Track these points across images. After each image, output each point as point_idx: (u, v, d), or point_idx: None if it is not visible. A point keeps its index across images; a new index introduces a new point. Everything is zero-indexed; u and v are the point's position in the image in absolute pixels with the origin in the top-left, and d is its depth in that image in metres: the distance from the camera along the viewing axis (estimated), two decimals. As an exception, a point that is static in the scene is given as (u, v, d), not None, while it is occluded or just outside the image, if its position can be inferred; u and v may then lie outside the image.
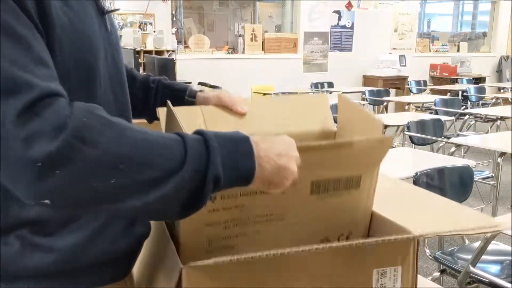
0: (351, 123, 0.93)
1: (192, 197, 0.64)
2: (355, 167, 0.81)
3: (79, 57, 0.70)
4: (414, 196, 1.01)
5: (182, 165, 0.62)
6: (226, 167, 0.65)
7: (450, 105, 5.52)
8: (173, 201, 0.63)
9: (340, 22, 8.09)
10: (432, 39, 9.57)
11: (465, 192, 2.50)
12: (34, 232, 0.71)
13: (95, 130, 0.58)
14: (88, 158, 0.56)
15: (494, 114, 4.95)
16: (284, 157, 0.69)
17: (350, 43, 8.25)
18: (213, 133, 0.67)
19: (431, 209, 0.91)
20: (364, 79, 8.34)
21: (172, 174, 0.61)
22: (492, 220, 0.80)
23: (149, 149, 0.61)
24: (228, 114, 0.95)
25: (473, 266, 1.93)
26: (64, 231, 0.73)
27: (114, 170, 0.58)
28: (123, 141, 0.59)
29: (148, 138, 0.62)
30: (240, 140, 0.68)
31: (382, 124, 0.82)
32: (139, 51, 6.14)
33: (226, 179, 0.65)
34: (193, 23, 7.76)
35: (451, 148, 3.46)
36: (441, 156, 3.22)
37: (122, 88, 0.84)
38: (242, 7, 8.23)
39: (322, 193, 0.80)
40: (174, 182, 0.61)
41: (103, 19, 0.78)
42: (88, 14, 0.74)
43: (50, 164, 0.55)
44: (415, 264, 0.78)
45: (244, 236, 0.76)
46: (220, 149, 0.65)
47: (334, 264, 0.72)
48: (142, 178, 0.59)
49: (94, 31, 0.74)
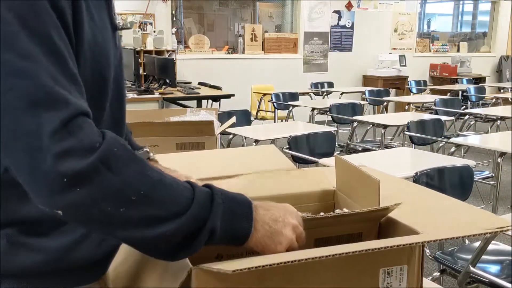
0: (349, 183, 0.98)
1: (186, 242, 0.67)
2: (357, 226, 0.87)
3: (96, 71, 0.73)
4: (420, 195, 1.01)
5: (186, 210, 0.66)
6: (224, 223, 0.69)
7: (450, 105, 5.52)
8: (169, 241, 0.67)
9: (340, 22, 8.09)
10: (432, 39, 9.57)
11: (465, 192, 2.50)
12: (23, 232, 0.71)
13: (121, 161, 0.63)
14: (109, 184, 0.61)
15: (494, 114, 4.95)
16: (279, 223, 0.73)
17: (350, 43, 8.25)
18: (220, 190, 0.72)
19: (439, 210, 0.92)
20: (364, 79, 8.34)
21: (175, 216, 0.66)
22: (500, 219, 0.80)
23: (162, 190, 0.66)
24: (230, 184, 1.00)
25: (473, 266, 1.93)
26: (55, 233, 0.73)
27: (128, 200, 0.62)
28: (143, 177, 0.64)
29: (164, 180, 0.67)
30: (242, 202, 0.73)
31: (378, 183, 0.86)
32: (139, 51, 6.13)
33: (221, 234, 0.69)
34: (193, 23, 7.76)
35: (451, 148, 3.46)
36: (441, 156, 3.22)
37: (121, 103, 0.86)
38: (242, 7, 8.23)
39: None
40: (175, 224, 0.65)
41: (114, 35, 0.81)
42: (108, 29, 0.77)
43: (74, 181, 0.60)
44: (420, 263, 0.78)
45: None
46: (223, 205, 0.70)
47: (342, 266, 0.73)
48: (149, 213, 0.64)
49: (111, 46, 0.77)
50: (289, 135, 3.39)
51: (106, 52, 0.75)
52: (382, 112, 6.64)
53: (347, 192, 0.97)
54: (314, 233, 0.82)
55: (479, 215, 0.85)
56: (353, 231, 0.86)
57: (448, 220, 0.86)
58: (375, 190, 0.84)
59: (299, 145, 3.41)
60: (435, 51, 9.37)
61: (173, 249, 0.68)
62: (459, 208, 0.91)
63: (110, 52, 0.76)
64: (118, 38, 0.84)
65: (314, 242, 0.83)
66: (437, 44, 9.50)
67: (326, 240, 0.83)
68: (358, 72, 8.34)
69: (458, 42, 9.96)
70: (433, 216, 0.88)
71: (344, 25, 8.14)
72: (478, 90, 7.14)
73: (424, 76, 8.95)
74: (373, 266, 0.75)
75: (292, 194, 0.98)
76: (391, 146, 4.64)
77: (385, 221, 0.87)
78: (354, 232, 0.86)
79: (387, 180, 0.87)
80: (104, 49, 0.75)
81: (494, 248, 2.18)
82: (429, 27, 10.13)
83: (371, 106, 6.87)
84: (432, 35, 9.74)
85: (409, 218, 0.84)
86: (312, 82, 7.46)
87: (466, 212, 0.88)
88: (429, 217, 0.87)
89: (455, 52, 9.65)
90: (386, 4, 8.45)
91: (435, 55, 9.30)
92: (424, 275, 0.81)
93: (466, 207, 0.91)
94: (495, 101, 7.15)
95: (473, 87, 7.20)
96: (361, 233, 0.87)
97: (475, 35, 10.47)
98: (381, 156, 3.14)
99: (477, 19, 10.49)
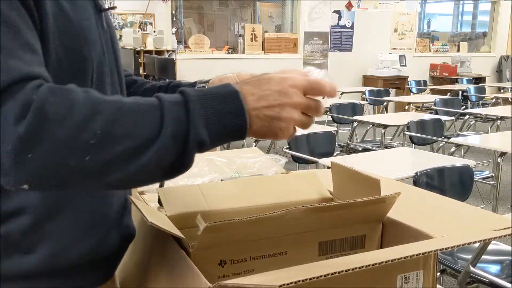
0: (348, 187, 0.95)
1: (175, 163, 0.62)
2: (360, 226, 0.85)
3: (72, 48, 0.69)
4: (420, 197, 1.01)
5: (159, 130, 0.60)
6: (212, 128, 0.62)
7: (450, 105, 5.52)
8: (156, 168, 0.61)
9: (340, 22, 8.09)
10: (432, 39, 9.57)
11: (465, 192, 2.50)
12: (15, 234, 0.70)
13: (61, 107, 0.56)
14: (58, 136, 0.55)
15: (494, 114, 4.95)
16: (275, 108, 0.66)
17: (350, 43, 8.26)
18: (197, 92, 0.64)
19: (441, 211, 0.92)
20: (364, 79, 8.34)
21: (149, 142, 0.59)
22: (506, 220, 0.80)
23: (122, 120, 0.59)
24: (228, 189, 0.97)
25: (473, 266, 1.93)
26: (46, 235, 0.71)
27: (87, 146, 0.56)
28: (93, 116, 0.57)
29: (122, 108, 0.60)
30: (228, 97, 0.64)
31: (379, 182, 0.83)
32: (139, 51, 6.14)
33: (214, 138, 0.63)
34: (193, 23, 7.76)
35: (451, 148, 3.46)
36: (441, 156, 3.22)
37: (120, 86, 0.84)
38: (242, 7, 8.23)
39: (329, 254, 0.82)
40: (153, 150, 0.59)
41: (100, 17, 0.79)
42: (86, 9, 0.74)
43: (21, 148, 0.54)
44: (435, 266, 0.78)
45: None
46: (203, 110, 0.62)
47: (361, 275, 0.72)
48: (118, 150, 0.58)
49: (90, 25, 0.74)
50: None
51: (83, 31, 0.72)
52: (382, 112, 6.64)
53: (346, 198, 0.97)
54: (318, 236, 0.81)
55: (488, 218, 0.84)
56: (356, 233, 0.85)
57: (453, 221, 0.86)
58: (377, 190, 0.84)
59: (299, 145, 3.41)
60: (435, 51, 9.37)
61: (166, 171, 0.63)
62: (461, 210, 0.91)
63: (90, 32, 0.73)
64: (106, 21, 0.81)
65: (319, 246, 0.82)
66: (437, 44, 9.50)
67: (330, 244, 0.83)
68: (358, 72, 8.34)
69: (458, 42, 9.96)
70: (437, 217, 0.88)
71: (344, 25, 8.14)
72: (478, 90, 7.14)
73: (424, 76, 8.95)
74: (391, 274, 0.75)
75: (291, 202, 0.96)
76: (391, 146, 4.64)
77: (388, 223, 0.87)
78: (358, 234, 0.85)
79: (384, 183, 0.87)
80: (81, 28, 0.71)
81: (494, 248, 2.18)
82: (429, 27, 10.13)
83: (371, 106, 6.88)
84: (432, 35, 9.74)
85: (413, 220, 0.84)
86: (312, 82, 7.45)
87: (470, 214, 0.88)
88: (433, 219, 0.86)
89: (455, 52, 9.65)
90: (386, 4, 8.45)
91: (435, 55, 9.30)
92: (425, 275, 0.81)
93: (468, 208, 0.91)
94: (495, 101, 7.16)
95: (473, 87, 7.21)
96: (365, 235, 0.86)
97: (475, 35, 10.47)
98: (381, 156, 3.14)
99: (477, 19, 10.49)
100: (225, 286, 0.56)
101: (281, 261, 0.78)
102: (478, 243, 0.75)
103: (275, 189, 1.01)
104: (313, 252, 0.81)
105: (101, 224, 0.78)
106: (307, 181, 1.05)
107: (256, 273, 0.66)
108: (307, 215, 0.75)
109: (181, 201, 0.91)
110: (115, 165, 0.58)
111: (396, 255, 0.65)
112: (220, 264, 0.75)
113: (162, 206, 0.90)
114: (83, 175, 0.58)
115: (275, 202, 0.95)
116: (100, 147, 0.57)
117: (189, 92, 0.63)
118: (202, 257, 0.70)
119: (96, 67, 0.74)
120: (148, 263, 0.83)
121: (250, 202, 0.94)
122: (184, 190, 0.95)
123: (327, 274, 0.60)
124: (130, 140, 0.58)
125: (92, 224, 0.76)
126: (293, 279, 0.57)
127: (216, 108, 0.63)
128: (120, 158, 0.58)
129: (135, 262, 0.87)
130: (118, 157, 0.58)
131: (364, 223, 0.86)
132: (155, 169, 0.61)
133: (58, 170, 0.56)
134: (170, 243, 0.76)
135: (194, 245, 0.71)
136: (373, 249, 0.86)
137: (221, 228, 0.69)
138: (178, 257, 0.72)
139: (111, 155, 0.58)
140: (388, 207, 0.83)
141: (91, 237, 0.76)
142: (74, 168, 0.56)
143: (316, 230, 0.80)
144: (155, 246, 0.83)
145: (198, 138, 0.62)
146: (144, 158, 0.59)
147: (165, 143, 0.60)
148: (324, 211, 0.77)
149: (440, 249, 0.71)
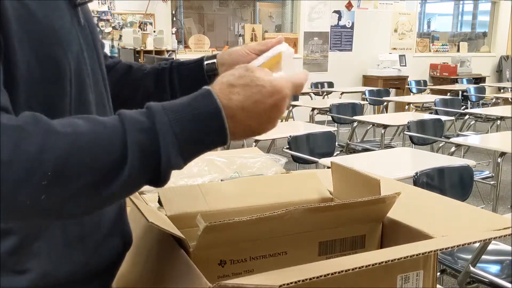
0: (348, 187, 0.95)
1: (153, 179, 0.59)
2: (360, 226, 0.85)
3: (44, 52, 0.64)
4: (419, 197, 1.01)
5: (124, 159, 0.55)
6: (189, 148, 0.59)
7: (450, 105, 5.52)
8: (131, 188, 0.59)
9: (340, 22, 8.09)
10: (432, 39, 9.57)
11: (465, 192, 2.50)
12: (3, 255, 0.67)
13: (7, 148, 0.50)
14: (4, 178, 0.50)
15: (494, 114, 4.96)
16: (265, 123, 0.64)
17: (350, 43, 8.26)
18: (169, 110, 0.58)
19: (441, 211, 0.92)
20: (364, 79, 8.35)
21: (116, 171, 0.55)
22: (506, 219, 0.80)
23: (77, 155, 0.53)
24: (228, 189, 0.97)
25: (473, 266, 1.93)
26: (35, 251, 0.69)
27: (39, 186, 0.51)
28: (42, 155, 0.51)
29: (77, 141, 0.54)
30: (206, 115, 0.59)
31: (379, 182, 0.83)
32: (139, 51, 6.14)
33: (193, 155, 0.61)
34: (193, 23, 7.76)
35: (451, 148, 3.46)
36: (441, 156, 3.22)
37: (102, 85, 0.78)
38: (242, 7, 8.23)
39: (329, 254, 0.83)
40: (120, 179, 0.55)
41: (75, 13, 0.72)
42: (57, 7, 0.68)
43: None
44: (435, 266, 0.78)
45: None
46: (178, 130, 0.57)
47: (361, 275, 0.72)
48: (75, 187, 0.54)
49: (64, 24, 0.68)
50: (289, 135, 3.39)
51: (56, 32, 0.66)
52: (382, 112, 6.64)
53: (346, 198, 0.97)
54: (318, 236, 0.82)
55: (488, 217, 0.84)
56: (356, 233, 0.85)
57: (453, 221, 0.86)
58: (377, 190, 0.84)
59: (299, 145, 3.41)
60: (435, 51, 9.37)
61: (142, 186, 0.60)
62: (461, 210, 0.91)
63: (63, 31, 0.67)
64: (83, 16, 0.74)
65: (319, 246, 0.82)
66: (437, 44, 9.50)
67: (330, 244, 0.83)
68: (358, 72, 8.34)
69: (458, 42, 9.96)
70: (437, 217, 0.88)
71: (344, 25, 8.14)
72: (478, 90, 7.15)
73: (424, 76, 8.95)
74: (391, 274, 0.75)
75: (291, 202, 0.97)
76: (391, 146, 4.64)
77: (388, 223, 0.87)
78: (358, 234, 0.85)
79: (384, 183, 0.87)
80: (52, 29, 0.65)
81: (494, 248, 2.18)
82: (429, 27, 10.14)
83: (371, 106, 6.88)
84: (432, 35, 9.74)
85: (413, 220, 0.84)
86: (312, 82, 7.46)
87: (469, 214, 0.88)
88: (433, 219, 0.86)
89: (455, 52, 9.65)
90: (386, 4, 8.45)
91: (435, 55, 9.30)
92: (424, 275, 0.81)
93: (468, 208, 0.91)
94: (495, 101, 7.15)
95: (473, 87, 7.21)
96: (365, 235, 0.86)
97: (475, 35, 10.48)
98: (381, 156, 3.14)
99: (477, 19, 10.49)
100: (225, 286, 0.56)
101: (281, 261, 0.78)
102: (478, 243, 0.75)
103: (275, 189, 1.01)
104: (313, 252, 0.82)
105: (93, 235, 0.74)
106: (307, 181, 1.05)
107: (256, 273, 0.66)
108: (307, 215, 0.75)
109: (181, 201, 0.91)
110: (77, 200, 0.55)
111: (396, 255, 0.65)
112: (220, 264, 0.75)
113: (162, 206, 0.90)
114: (42, 212, 0.55)
115: (275, 202, 0.95)
116: (54, 186, 0.52)
117: (154, 107, 0.58)
118: (202, 257, 0.70)
119: (74, 68, 0.69)
120: (148, 263, 0.83)
121: (250, 202, 0.94)
122: (184, 190, 0.95)
123: (327, 274, 0.60)
124: (88, 176, 0.54)
125: (82, 236, 0.73)
126: (293, 279, 0.57)
127: (192, 129, 0.58)
128: (80, 193, 0.54)
129: (134, 262, 0.87)
130: (77, 193, 0.54)
131: (364, 223, 0.86)
132: (127, 193, 0.60)
133: (15, 208, 0.53)
134: (170, 243, 0.75)
135: (194, 245, 0.71)
136: (373, 249, 0.86)
137: (221, 228, 0.69)
138: (178, 257, 0.71)
139: (68, 193, 0.54)
140: (388, 207, 0.83)
141: (84, 250, 0.73)
142: (32, 206, 0.53)
143: (316, 230, 0.80)
144: (154, 246, 0.83)
145: (170, 165, 0.58)
146: (109, 189, 0.55)
147: (132, 174, 0.56)
148: (324, 211, 0.77)
149: (440, 249, 0.71)
